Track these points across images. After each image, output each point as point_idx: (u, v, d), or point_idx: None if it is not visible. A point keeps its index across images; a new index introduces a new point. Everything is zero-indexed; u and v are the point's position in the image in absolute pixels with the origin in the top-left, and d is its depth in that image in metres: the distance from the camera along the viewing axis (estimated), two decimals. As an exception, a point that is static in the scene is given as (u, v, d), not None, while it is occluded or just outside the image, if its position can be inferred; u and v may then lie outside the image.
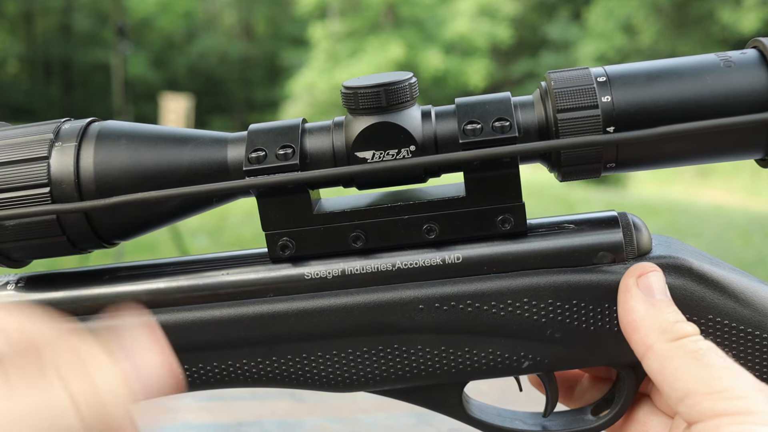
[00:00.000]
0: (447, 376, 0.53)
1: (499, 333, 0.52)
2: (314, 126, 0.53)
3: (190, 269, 0.55)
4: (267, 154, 0.51)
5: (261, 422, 0.97)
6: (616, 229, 0.52)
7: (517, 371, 0.53)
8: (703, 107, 0.49)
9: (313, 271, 0.53)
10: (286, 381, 0.54)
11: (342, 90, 0.51)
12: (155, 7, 14.55)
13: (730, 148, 0.51)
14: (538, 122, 0.51)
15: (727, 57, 0.50)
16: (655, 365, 0.46)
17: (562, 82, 0.50)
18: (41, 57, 14.81)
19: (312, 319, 0.52)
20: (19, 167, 0.51)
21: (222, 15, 16.74)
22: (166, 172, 0.52)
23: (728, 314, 0.51)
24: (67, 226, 0.52)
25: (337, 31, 13.37)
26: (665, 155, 0.51)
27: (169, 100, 6.77)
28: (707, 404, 0.43)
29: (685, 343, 0.46)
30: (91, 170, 0.52)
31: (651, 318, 0.48)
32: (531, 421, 0.57)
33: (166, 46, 15.14)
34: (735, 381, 0.44)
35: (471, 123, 0.50)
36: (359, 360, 0.53)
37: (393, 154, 0.51)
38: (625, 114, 0.49)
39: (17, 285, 0.55)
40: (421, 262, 0.52)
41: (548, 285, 0.51)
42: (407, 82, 0.51)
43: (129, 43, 4.92)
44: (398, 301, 0.52)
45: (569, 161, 0.51)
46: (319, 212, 0.52)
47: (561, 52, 12.92)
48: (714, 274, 0.51)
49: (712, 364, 0.45)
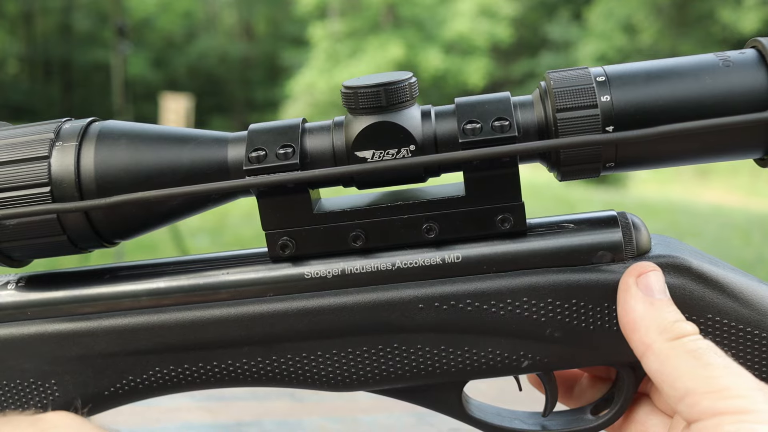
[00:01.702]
0: (447, 376, 0.53)
1: (498, 332, 0.52)
2: (314, 126, 0.53)
3: (190, 269, 0.55)
4: (267, 153, 0.51)
5: (261, 422, 0.97)
6: (615, 229, 0.52)
7: (516, 371, 0.53)
8: (702, 107, 0.49)
9: (313, 271, 0.53)
10: (286, 381, 0.54)
11: (342, 90, 0.51)
12: (155, 7, 14.54)
13: (730, 147, 0.51)
14: (537, 122, 0.51)
15: (726, 57, 0.50)
16: (654, 364, 0.47)
17: (561, 81, 0.50)
18: (41, 57, 14.80)
19: (312, 319, 0.52)
20: (19, 167, 0.51)
21: (222, 15, 16.73)
22: (166, 171, 0.52)
23: (727, 314, 0.51)
24: (68, 225, 0.52)
25: (337, 31, 13.37)
26: (664, 155, 0.51)
27: (169, 100, 6.76)
28: (707, 403, 0.43)
29: (685, 342, 0.46)
30: (92, 170, 0.52)
31: (650, 317, 0.48)
32: (530, 421, 0.57)
33: (166, 46, 15.13)
34: (734, 380, 0.44)
35: (471, 122, 0.50)
36: (359, 359, 0.53)
37: (393, 153, 0.51)
38: (624, 113, 0.49)
39: (17, 285, 0.56)
40: (421, 261, 0.52)
41: (548, 284, 0.51)
42: (407, 81, 0.51)
43: (129, 43, 4.91)
44: (398, 301, 0.52)
45: (569, 161, 0.51)
46: (319, 212, 0.52)
47: (561, 52, 12.91)
48: (713, 273, 0.51)
49: (712, 363, 0.45)
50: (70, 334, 0.54)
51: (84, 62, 14.23)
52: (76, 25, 14.45)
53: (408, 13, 13.48)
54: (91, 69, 14.15)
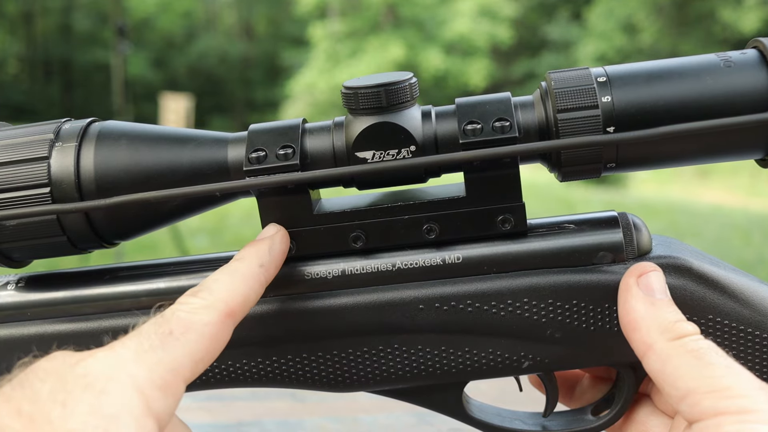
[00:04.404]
0: (447, 376, 0.53)
1: (499, 333, 0.52)
2: (314, 126, 0.53)
3: (190, 269, 0.55)
4: (267, 154, 0.51)
5: (261, 422, 0.97)
6: (616, 229, 0.52)
7: (517, 371, 0.53)
8: (703, 107, 0.49)
9: (313, 271, 0.53)
10: (286, 381, 0.54)
11: (342, 90, 0.51)
12: (155, 7, 14.55)
13: (730, 148, 0.51)
14: (538, 122, 0.51)
15: (727, 57, 0.50)
16: (655, 364, 0.46)
17: (562, 82, 0.50)
18: (41, 57, 14.80)
19: (312, 319, 0.52)
20: (19, 167, 0.51)
21: (222, 15, 16.74)
22: (166, 172, 0.52)
23: (728, 314, 0.51)
24: (68, 226, 0.52)
25: (337, 31, 13.37)
26: (665, 155, 0.51)
27: (169, 100, 6.76)
28: (708, 403, 0.43)
29: (686, 342, 0.46)
30: (92, 170, 0.52)
31: (651, 317, 0.48)
32: (531, 421, 0.57)
33: (166, 46, 15.14)
34: (736, 380, 0.44)
35: (471, 123, 0.50)
36: (359, 360, 0.53)
37: (393, 154, 0.51)
38: (625, 114, 0.49)
39: (17, 285, 0.55)
40: (421, 262, 0.52)
41: (548, 285, 0.51)
42: (407, 82, 0.51)
43: (129, 43, 4.91)
44: (398, 301, 0.52)
45: (569, 161, 0.51)
46: (320, 212, 0.52)
47: (561, 52, 12.91)
48: (714, 274, 0.51)
49: (713, 362, 0.45)
50: (70, 334, 0.54)
51: (84, 62, 14.24)
52: (76, 25, 14.46)
53: (408, 13, 13.49)
54: (91, 69, 14.16)
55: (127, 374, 0.39)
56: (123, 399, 0.38)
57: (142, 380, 0.39)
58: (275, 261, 0.50)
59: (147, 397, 0.39)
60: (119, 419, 0.37)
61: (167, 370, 0.40)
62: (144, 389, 0.39)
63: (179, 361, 0.41)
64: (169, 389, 0.40)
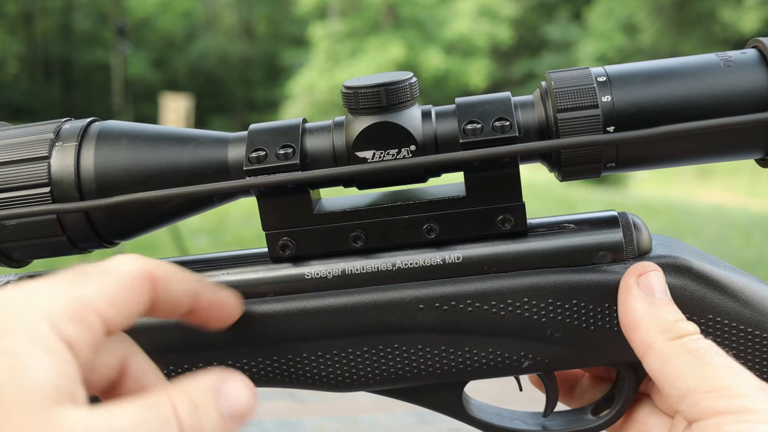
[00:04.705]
0: (447, 376, 0.53)
1: (499, 333, 0.52)
2: (314, 126, 0.53)
3: (190, 269, 0.55)
4: (267, 153, 0.51)
5: (261, 422, 0.97)
6: (616, 229, 0.52)
7: (517, 371, 0.53)
8: (703, 107, 0.49)
9: (313, 271, 0.53)
10: (286, 381, 0.54)
11: (342, 90, 0.51)
12: (155, 7, 14.55)
13: (730, 147, 0.51)
14: (538, 122, 0.51)
15: (727, 57, 0.50)
16: (655, 364, 0.47)
17: (562, 81, 0.50)
18: (41, 57, 14.80)
19: (312, 319, 0.52)
20: (19, 167, 0.51)
21: (222, 15, 16.74)
22: (166, 172, 0.52)
23: (728, 314, 0.51)
24: (68, 225, 0.52)
25: (337, 31, 13.37)
26: (665, 155, 0.51)
27: (169, 100, 6.76)
28: (708, 402, 0.43)
29: (686, 341, 0.46)
30: (92, 170, 0.52)
31: (651, 317, 0.48)
32: (531, 421, 0.57)
33: (166, 46, 15.14)
34: (736, 379, 0.44)
35: (471, 123, 0.50)
36: (359, 360, 0.53)
37: (393, 153, 0.51)
38: (625, 114, 0.49)
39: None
40: (422, 261, 0.52)
41: (548, 285, 0.51)
42: (407, 81, 0.51)
43: (129, 43, 4.91)
44: (398, 301, 0.52)
45: (569, 161, 0.51)
46: (320, 212, 0.52)
47: (561, 52, 12.92)
48: (714, 273, 0.51)
49: (713, 362, 0.45)
50: None
51: (84, 62, 14.24)
52: (76, 25, 14.46)
53: (408, 13, 13.49)
54: (91, 69, 14.16)
55: (34, 308, 0.37)
56: (31, 329, 0.36)
57: (49, 311, 0.37)
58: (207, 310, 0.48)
59: (55, 325, 0.36)
60: (28, 353, 0.35)
61: (77, 302, 0.38)
62: (52, 319, 0.36)
63: (91, 296, 0.39)
64: (81, 320, 0.37)
